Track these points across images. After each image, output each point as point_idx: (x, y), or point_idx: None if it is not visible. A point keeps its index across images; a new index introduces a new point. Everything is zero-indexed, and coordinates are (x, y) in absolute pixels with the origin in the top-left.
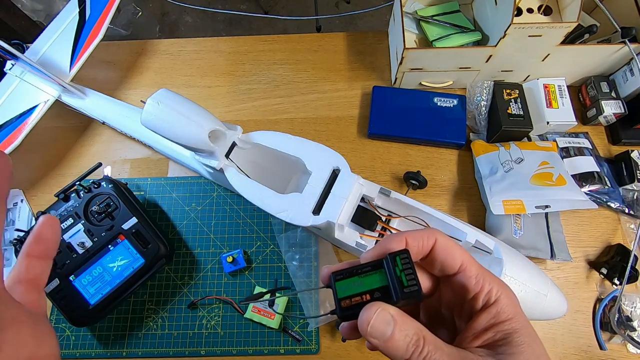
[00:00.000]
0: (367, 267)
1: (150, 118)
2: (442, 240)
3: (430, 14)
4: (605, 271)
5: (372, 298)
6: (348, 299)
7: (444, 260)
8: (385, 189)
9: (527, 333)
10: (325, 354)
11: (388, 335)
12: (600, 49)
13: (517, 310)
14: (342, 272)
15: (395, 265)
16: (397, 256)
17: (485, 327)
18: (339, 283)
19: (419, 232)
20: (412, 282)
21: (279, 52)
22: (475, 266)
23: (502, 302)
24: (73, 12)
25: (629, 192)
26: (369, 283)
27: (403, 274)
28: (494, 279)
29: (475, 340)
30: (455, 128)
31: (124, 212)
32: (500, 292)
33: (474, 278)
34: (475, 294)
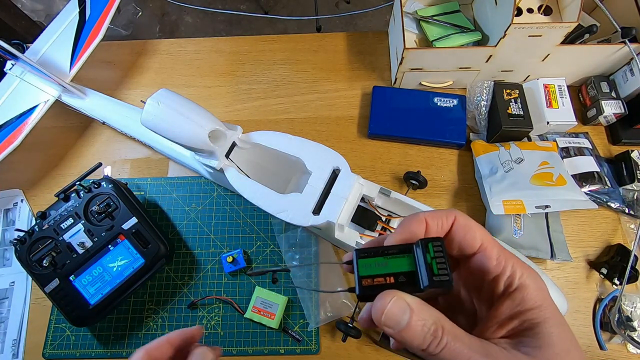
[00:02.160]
0: (393, 250)
1: (150, 118)
2: (461, 219)
3: (430, 14)
4: (605, 271)
5: (396, 282)
6: (370, 278)
7: (462, 239)
8: (385, 189)
9: (556, 322)
10: (325, 354)
11: (404, 324)
12: (600, 49)
13: (544, 296)
14: (367, 250)
15: (427, 252)
16: (429, 242)
17: (510, 315)
18: (362, 260)
19: (439, 211)
20: (443, 272)
21: (279, 52)
22: (497, 247)
23: (528, 287)
24: (73, 12)
25: (629, 192)
26: (395, 266)
27: (434, 261)
28: (518, 262)
29: (499, 330)
30: (455, 128)
31: (124, 212)
32: (525, 275)
33: (494, 259)
34: (496, 275)
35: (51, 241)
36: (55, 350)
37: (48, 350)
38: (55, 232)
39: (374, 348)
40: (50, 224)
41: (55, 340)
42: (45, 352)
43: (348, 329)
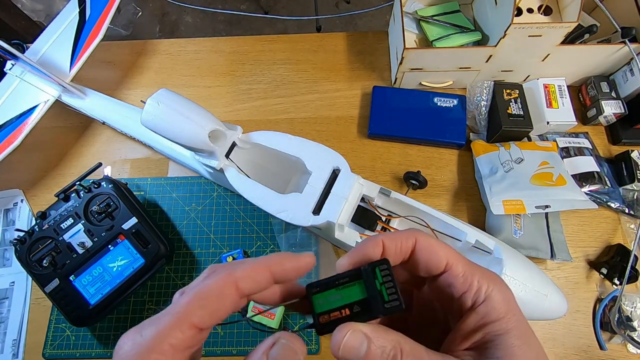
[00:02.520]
0: (344, 278)
1: (150, 118)
2: (422, 241)
3: (430, 14)
4: (605, 271)
5: (351, 313)
6: (326, 314)
7: (427, 262)
8: (385, 189)
9: (519, 334)
10: (325, 354)
11: (362, 355)
12: (600, 49)
13: (509, 307)
14: (318, 283)
15: (374, 277)
16: (376, 267)
17: (474, 327)
18: (316, 296)
19: (397, 233)
20: (393, 297)
21: (279, 52)
22: (462, 263)
23: (493, 299)
24: (73, 12)
25: (629, 192)
26: (348, 296)
27: (383, 287)
28: (484, 275)
29: (463, 342)
30: (455, 128)
31: (124, 212)
32: (492, 288)
33: (461, 276)
34: (464, 292)
35: (51, 241)
36: (55, 350)
37: (48, 350)
38: (55, 232)
39: None
40: (50, 224)
41: (55, 340)
42: (45, 352)
43: None
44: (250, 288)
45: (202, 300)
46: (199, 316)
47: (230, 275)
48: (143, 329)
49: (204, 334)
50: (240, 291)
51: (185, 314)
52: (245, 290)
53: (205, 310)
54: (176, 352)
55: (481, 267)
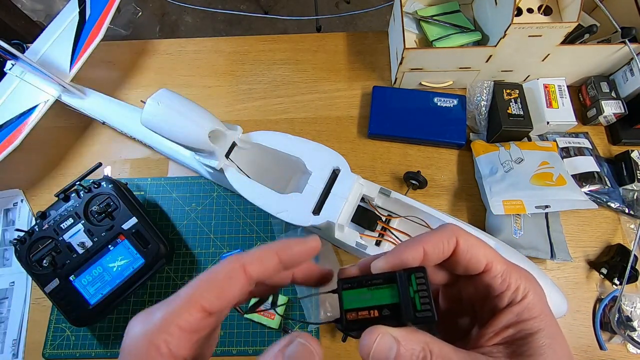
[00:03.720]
0: (378, 279)
1: (150, 118)
2: (464, 242)
3: (430, 14)
4: (605, 271)
5: (380, 315)
6: (354, 311)
7: (467, 263)
8: (385, 189)
9: (550, 333)
10: (325, 354)
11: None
12: (600, 49)
13: (543, 308)
14: (352, 280)
15: (409, 284)
16: (412, 274)
17: (507, 324)
18: (346, 292)
19: (438, 235)
20: (426, 307)
21: (279, 52)
22: (501, 263)
23: (528, 299)
24: (73, 12)
25: (629, 192)
26: (379, 297)
27: (417, 295)
28: (522, 275)
29: (494, 338)
30: (455, 128)
31: (124, 212)
32: (528, 289)
33: (499, 277)
34: (501, 292)
35: (51, 241)
36: (55, 350)
37: (48, 350)
38: (55, 232)
39: None
40: (50, 224)
41: (55, 340)
42: (45, 352)
43: None
44: (258, 271)
45: (210, 282)
46: (207, 299)
47: (238, 259)
48: (153, 312)
49: (213, 319)
50: (248, 274)
51: (194, 295)
52: (254, 273)
53: (212, 293)
54: (183, 333)
55: (517, 266)
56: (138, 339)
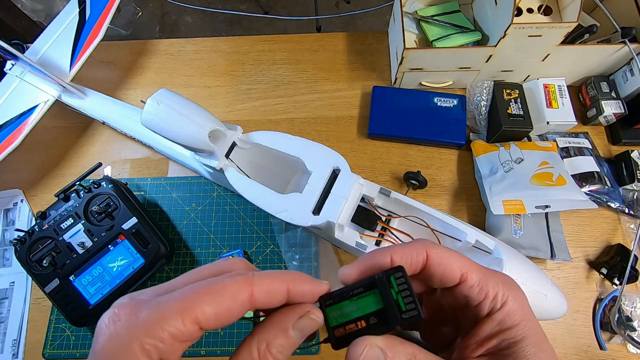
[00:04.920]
0: (358, 289)
1: (150, 118)
2: (434, 255)
3: (430, 14)
4: (605, 271)
5: (367, 325)
6: (342, 327)
7: (441, 275)
8: (385, 189)
9: (535, 342)
10: (325, 354)
11: None
12: (600, 49)
13: (525, 314)
14: (332, 295)
15: (390, 287)
16: (391, 275)
17: (490, 334)
18: (330, 309)
19: (405, 247)
20: (411, 306)
21: (279, 52)
22: (477, 272)
23: (508, 306)
24: (73, 12)
25: (629, 192)
26: (363, 307)
27: (400, 296)
28: (499, 281)
29: (478, 349)
30: (455, 128)
31: (124, 212)
32: (507, 295)
33: (476, 286)
34: (480, 302)
35: (51, 241)
36: (55, 350)
37: (48, 350)
38: (55, 232)
39: None
40: (50, 224)
41: (55, 340)
42: (45, 352)
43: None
44: (263, 300)
45: (212, 297)
46: (204, 314)
47: (249, 281)
48: (141, 309)
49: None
50: (253, 300)
51: (191, 305)
52: (259, 301)
53: (211, 309)
54: (174, 341)
55: (495, 273)
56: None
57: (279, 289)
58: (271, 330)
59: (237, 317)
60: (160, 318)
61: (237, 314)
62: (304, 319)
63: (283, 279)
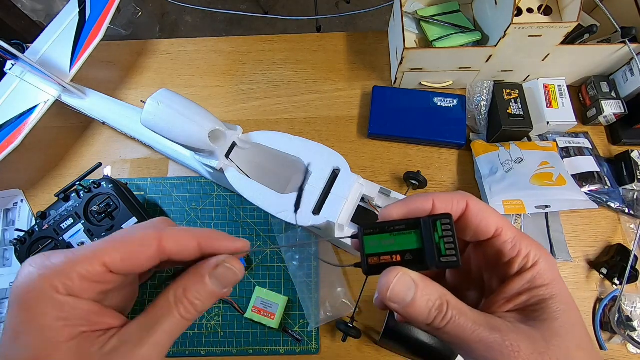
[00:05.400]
0: (400, 225)
1: (150, 118)
2: (474, 206)
3: (430, 14)
4: (605, 271)
5: (402, 260)
6: (377, 256)
7: (477, 227)
8: (385, 189)
9: (563, 300)
10: (325, 354)
11: (409, 300)
12: (600, 49)
13: (555, 275)
14: (373, 226)
15: (435, 230)
16: (438, 220)
17: (519, 291)
18: (367, 237)
19: (448, 195)
20: (451, 252)
21: (279, 52)
22: (512, 230)
23: (540, 266)
24: (73, 12)
25: (629, 192)
26: (401, 243)
27: (442, 241)
28: (532, 243)
29: (507, 304)
30: (455, 128)
31: (124, 212)
32: (539, 256)
33: (510, 242)
34: (511, 258)
35: (51, 241)
36: None
37: None
38: (55, 232)
39: (374, 348)
40: (50, 224)
41: None
42: None
43: (348, 329)
44: (172, 248)
45: (121, 243)
46: (111, 257)
47: (158, 232)
48: (51, 256)
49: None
50: (161, 249)
51: (99, 251)
52: (167, 248)
53: (118, 254)
54: (83, 281)
55: (528, 236)
56: (33, 278)
57: (189, 242)
58: (189, 277)
59: (146, 264)
60: (70, 261)
61: (145, 261)
62: (220, 268)
63: (194, 235)
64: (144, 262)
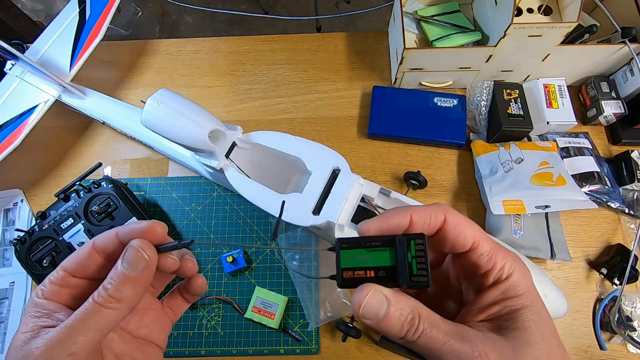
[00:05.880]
0: (376, 242)
1: (150, 118)
2: (452, 219)
3: (430, 14)
4: (605, 271)
5: (376, 276)
6: (351, 270)
7: (454, 240)
8: (385, 189)
9: (535, 310)
10: (325, 354)
11: (382, 315)
12: (600, 49)
13: (528, 286)
14: (350, 240)
15: (408, 249)
16: (412, 240)
17: (493, 301)
18: (344, 252)
19: (426, 208)
20: (422, 272)
21: (279, 52)
22: (487, 243)
23: (514, 277)
24: (73, 12)
25: (629, 192)
26: (376, 259)
27: (415, 261)
28: (507, 255)
29: (480, 314)
30: (455, 128)
31: (124, 212)
32: (513, 267)
33: (486, 255)
34: (487, 270)
35: (51, 241)
36: None
37: None
38: (55, 232)
39: (374, 348)
40: (50, 224)
41: None
42: None
43: (348, 329)
44: (100, 243)
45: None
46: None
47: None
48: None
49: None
50: (95, 247)
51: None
52: (98, 246)
53: (71, 260)
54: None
55: (503, 247)
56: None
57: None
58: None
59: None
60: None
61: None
62: (127, 251)
63: (116, 228)
64: (86, 261)
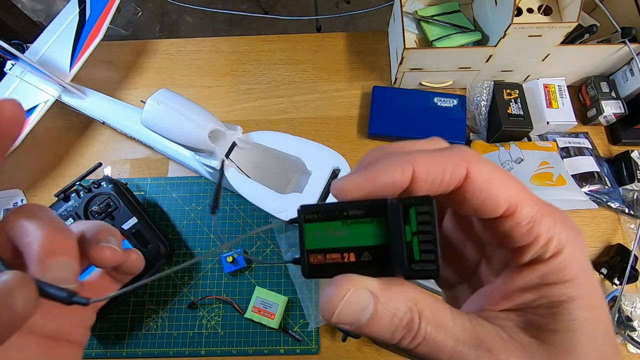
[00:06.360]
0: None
1: (150, 118)
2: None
3: (430, 14)
4: (605, 271)
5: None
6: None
7: (480, 205)
8: None
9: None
10: (325, 354)
11: (365, 320)
12: (600, 49)
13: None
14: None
15: (406, 221)
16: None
17: (525, 286)
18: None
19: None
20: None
21: (279, 52)
22: (530, 205)
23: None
24: (73, 12)
25: (629, 192)
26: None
27: (416, 239)
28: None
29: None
30: (455, 128)
31: (124, 212)
32: (565, 243)
33: (525, 225)
34: (525, 245)
35: None
36: None
37: None
38: None
39: (374, 348)
40: None
41: None
42: None
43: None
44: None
45: None
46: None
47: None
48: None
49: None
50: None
51: None
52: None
53: None
54: None
55: (554, 209)
56: None
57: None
58: None
59: None
60: None
61: None
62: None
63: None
64: None
